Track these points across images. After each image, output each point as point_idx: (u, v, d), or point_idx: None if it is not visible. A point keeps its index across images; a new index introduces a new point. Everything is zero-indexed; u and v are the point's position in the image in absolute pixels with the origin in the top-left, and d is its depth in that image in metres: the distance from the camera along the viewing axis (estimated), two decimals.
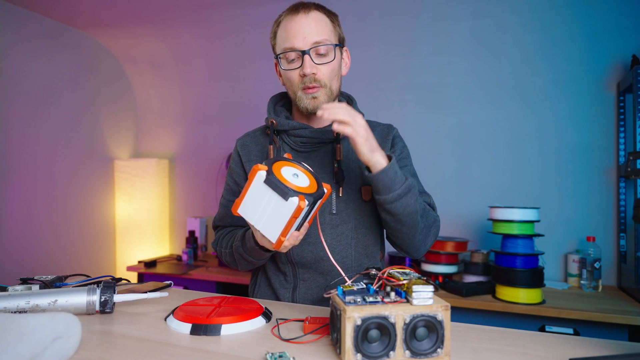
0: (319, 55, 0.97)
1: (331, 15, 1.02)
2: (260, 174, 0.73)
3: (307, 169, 0.81)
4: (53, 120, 2.71)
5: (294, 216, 0.73)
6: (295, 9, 0.99)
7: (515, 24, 2.24)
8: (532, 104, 2.25)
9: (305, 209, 0.74)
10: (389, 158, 0.89)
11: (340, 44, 1.03)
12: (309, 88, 0.98)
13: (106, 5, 2.49)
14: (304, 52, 0.96)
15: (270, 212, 0.75)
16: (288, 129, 1.03)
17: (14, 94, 2.48)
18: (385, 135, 1.08)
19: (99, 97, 3.03)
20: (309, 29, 0.96)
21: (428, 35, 2.39)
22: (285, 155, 0.84)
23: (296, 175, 0.77)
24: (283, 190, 0.72)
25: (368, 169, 0.89)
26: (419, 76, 2.46)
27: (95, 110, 3.01)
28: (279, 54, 1.00)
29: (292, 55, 0.98)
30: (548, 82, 2.22)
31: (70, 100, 2.83)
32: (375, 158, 0.86)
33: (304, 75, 0.97)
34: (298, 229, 0.80)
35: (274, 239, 0.77)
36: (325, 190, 0.80)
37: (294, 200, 0.71)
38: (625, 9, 2.04)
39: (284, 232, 0.75)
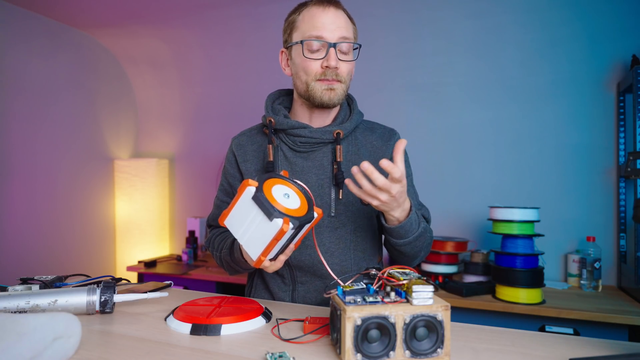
0: (342, 52, 0.96)
1: (353, 22, 1.02)
2: (249, 189, 0.72)
3: (301, 189, 0.79)
4: (53, 120, 2.71)
5: (276, 238, 0.72)
6: (327, 2, 0.97)
7: (515, 24, 2.24)
8: (532, 104, 2.25)
9: (290, 232, 0.73)
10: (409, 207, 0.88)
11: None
12: (327, 80, 0.96)
13: (106, 5, 2.49)
14: (330, 45, 0.94)
15: (254, 229, 0.74)
16: (287, 128, 1.00)
17: (14, 94, 2.47)
18: (387, 139, 1.06)
19: (99, 97, 3.03)
20: (339, 22, 0.95)
21: (428, 35, 2.39)
22: (282, 173, 0.82)
23: (287, 196, 0.76)
24: (269, 210, 0.71)
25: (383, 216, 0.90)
26: (419, 76, 2.46)
27: (95, 110, 3.01)
28: (301, 41, 0.96)
29: (317, 45, 0.95)
30: (548, 82, 2.21)
31: (70, 100, 2.82)
32: (392, 215, 0.86)
33: (326, 67, 0.94)
34: (283, 250, 0.78)
35: (254, 257, 0.76)
36: (316, 215, 0.78)
37: (278, 222, 0.70)
38: (625, 9, 2.04)
39: (265, 252, 0.74)
